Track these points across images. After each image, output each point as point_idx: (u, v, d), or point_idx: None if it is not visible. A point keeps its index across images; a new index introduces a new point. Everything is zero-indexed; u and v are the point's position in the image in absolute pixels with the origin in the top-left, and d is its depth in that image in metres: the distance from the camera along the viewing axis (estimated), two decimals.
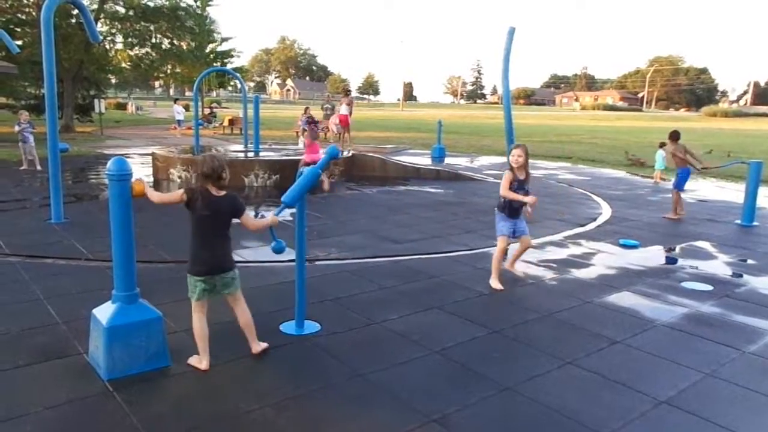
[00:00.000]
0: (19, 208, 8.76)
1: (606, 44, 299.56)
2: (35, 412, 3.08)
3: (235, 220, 3.62)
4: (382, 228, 7.96)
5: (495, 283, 5.49)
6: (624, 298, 5.30)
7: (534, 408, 3.31)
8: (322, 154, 12.09)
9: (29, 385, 3.39)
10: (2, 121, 25.52)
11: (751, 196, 8.99)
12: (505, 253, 5.74)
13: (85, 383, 3.41)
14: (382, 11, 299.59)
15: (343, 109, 18.61)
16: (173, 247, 6.43)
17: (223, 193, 3.52)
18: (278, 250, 3.99)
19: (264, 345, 3.89)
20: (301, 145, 14.85)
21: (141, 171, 12.77)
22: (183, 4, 29.16)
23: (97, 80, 29.91)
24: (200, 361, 3.65)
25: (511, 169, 5.42)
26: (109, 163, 3.44)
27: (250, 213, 3.62)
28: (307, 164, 11.74)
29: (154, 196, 3.62)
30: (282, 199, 4.02)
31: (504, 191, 5.42)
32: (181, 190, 3.47)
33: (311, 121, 11.61)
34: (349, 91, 22.04)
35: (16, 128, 13.24)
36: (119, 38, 29.61)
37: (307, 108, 24.40)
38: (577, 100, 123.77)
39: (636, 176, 14.92)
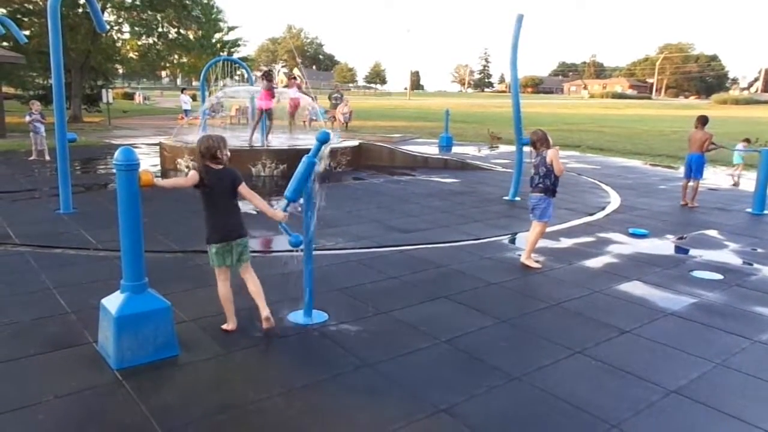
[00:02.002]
0: (28, 198, 8.81)
1: (615, 32, 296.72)
2: (46, 401, 3.11)
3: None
4: (389, 217, 7.95)
5: (532, 262, 5.84)
6: (633, 288, 5.27)
7: (542, 398, 3.30)
8: (271, 101, 12.25)
9: (40, 374, 3.42)
10: (11, 111, 25.62)
11: (762, 184, 8.89)
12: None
13: (94, 372, 3.43)
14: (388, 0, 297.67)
15: (292, 92, 16.77)
16: (181, 237, 6.45)
17: (221, 167, 3.78)
18: (296, 244, 4.14)
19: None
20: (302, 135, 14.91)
21: (148, 161, 12.82)
22: None
23: (105, 70, 29.94)
24: (228, 325, 4.01)
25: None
26: (117, 153, 3.44)
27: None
28: (261, 109, 12.22)
29: (169, 182, 3.95)
30: (285, 195, 4.06)
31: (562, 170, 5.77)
32: (193, 171, 3.74)
33: (268, 78, 12.11)
34: (292, 75, 20.69)
35: (27, 118, 13.01)
36: (126, 28, 29.64)
37: (314, 98, 24.36)
38: (585, 88, 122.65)
39: (646, 165, 14.79)
